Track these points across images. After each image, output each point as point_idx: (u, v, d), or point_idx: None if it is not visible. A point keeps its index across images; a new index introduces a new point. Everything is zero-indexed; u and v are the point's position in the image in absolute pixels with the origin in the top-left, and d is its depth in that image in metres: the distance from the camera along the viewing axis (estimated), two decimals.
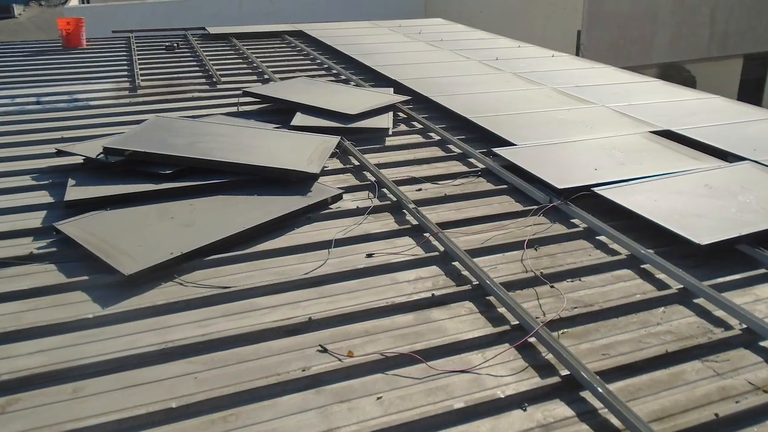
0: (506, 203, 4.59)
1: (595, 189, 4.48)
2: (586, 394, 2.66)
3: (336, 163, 5.28)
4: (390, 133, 6.04)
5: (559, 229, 4.17)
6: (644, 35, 15.14)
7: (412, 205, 4.33)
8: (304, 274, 3.60)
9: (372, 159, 5.31)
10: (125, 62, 9.17)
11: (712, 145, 5.40)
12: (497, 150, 5.29)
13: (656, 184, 4.58)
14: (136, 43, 10.50)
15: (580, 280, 3.58)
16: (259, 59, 9.30)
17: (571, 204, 4.36)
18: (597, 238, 4.06)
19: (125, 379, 2.76)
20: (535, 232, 4.10)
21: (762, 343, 3.02)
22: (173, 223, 4.05)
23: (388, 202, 4.55)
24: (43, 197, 4.61)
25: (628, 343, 3.02)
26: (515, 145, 5.42)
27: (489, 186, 4.87)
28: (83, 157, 4.95)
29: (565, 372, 2.77)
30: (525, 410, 2.61)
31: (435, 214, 4.36)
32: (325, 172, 5.00)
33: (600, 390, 2.58)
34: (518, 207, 4.50)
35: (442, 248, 3.88)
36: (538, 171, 4.78)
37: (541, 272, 3.60)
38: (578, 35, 14.34)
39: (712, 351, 2.97)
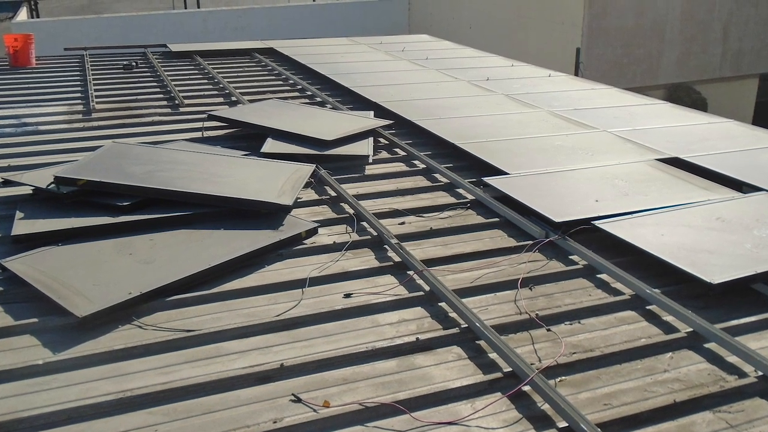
0: (498, 238, 4.64)
1: (596, 222, 4.53)
2: None
3: (311, 194, 5.33)
4: (370, 160, 6.10)
5: (556, 266, 4.22)
6: (650, 53, 15.33)
7: (394, 240, 4.38)
8: (276, 315, 3.62)
9: (350, 189, 5.37)
10: (79, 83, 9.23)
11: (724, 174, 5.47)
12: (488, 179, 5.35)
13: (663, 217, 4.63)
14: (90, 61, 10.56)
15: (579, 322, 3.62)
16: (225, 79, 9.39)
17: (570, 239, 4.42)
18: (598, 276, 4.11)
19: None
20: (530, 270, 4.14)
21: None
22: (132, 259, 4.08)
23: (368, 236, 4.59)
24: None
25: (632, 392, 3.05)
26: (508, 174, 5.48)
27: (479, 219, 4.92)
28: (32, 188, 4.98)
29: (563, 424, 2.79)
30: None
31: (420, 250, 4.41)
32: (298, 204, 5.04)
33: None
34: (511, 242, 4.55)
35: (427, 287, 3.91)
36: (533, 203, 4.84)
37: (537, 314, 3.64)
38: (577, 53, 14.50)
39: (724, 401, 2.99)
